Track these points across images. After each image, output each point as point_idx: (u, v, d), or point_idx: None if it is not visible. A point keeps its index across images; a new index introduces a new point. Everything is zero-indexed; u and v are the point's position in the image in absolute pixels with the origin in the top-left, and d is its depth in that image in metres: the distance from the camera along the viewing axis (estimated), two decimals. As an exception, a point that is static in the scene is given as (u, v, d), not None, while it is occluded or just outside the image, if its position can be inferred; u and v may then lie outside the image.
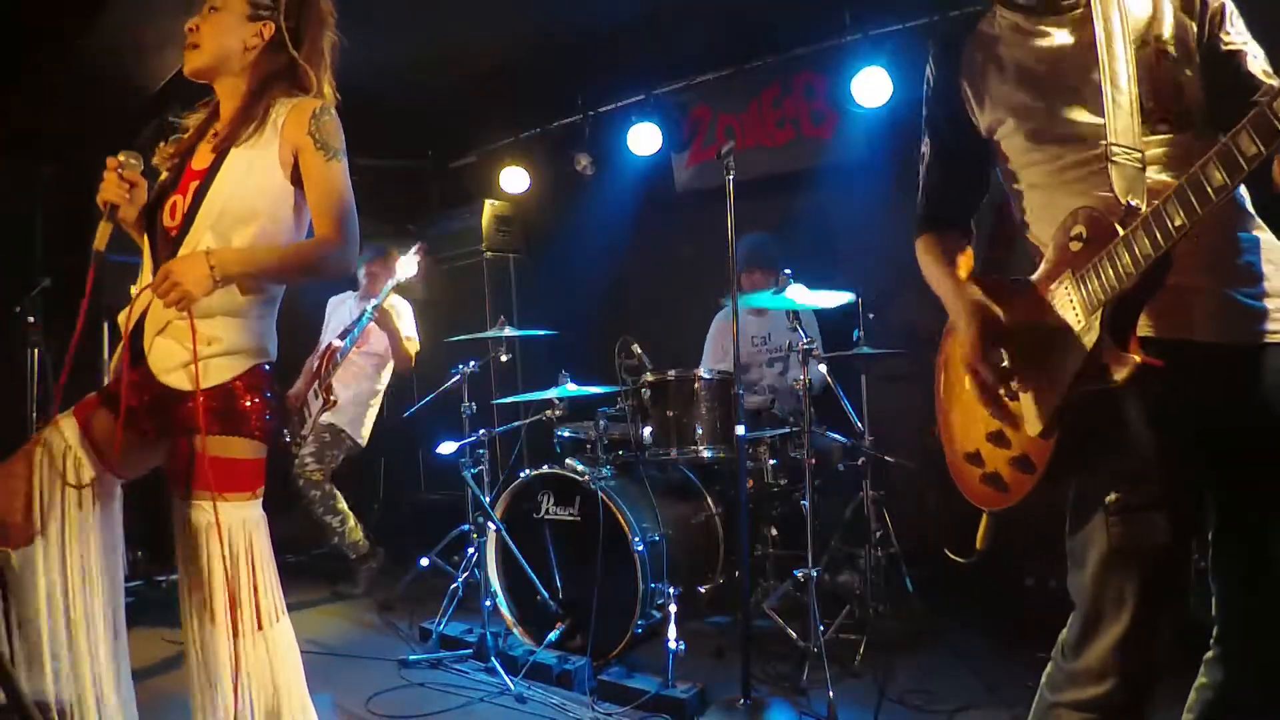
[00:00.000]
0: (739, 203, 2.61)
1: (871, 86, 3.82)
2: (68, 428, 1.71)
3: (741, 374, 2.96)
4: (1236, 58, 1.28)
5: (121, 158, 1.71)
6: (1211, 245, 1.24)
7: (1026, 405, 1.30)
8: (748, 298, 3.20)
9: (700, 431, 3.17)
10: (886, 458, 3.29)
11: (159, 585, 3.98)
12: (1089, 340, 1.20)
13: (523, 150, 5.18)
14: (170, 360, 1.64)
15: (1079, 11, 1.33)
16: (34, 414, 3.31)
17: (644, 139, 4.57)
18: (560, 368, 3.34)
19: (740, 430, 2.60)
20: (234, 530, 1.61)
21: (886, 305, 3.61)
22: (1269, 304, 1.26)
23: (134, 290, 1.76)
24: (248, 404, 1.67)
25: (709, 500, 3.33)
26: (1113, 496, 1.23)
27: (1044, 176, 1.37)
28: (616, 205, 4.88)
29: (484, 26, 4.07)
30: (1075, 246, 1.24)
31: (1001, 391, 1.33)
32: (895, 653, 2.87)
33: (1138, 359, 1.15)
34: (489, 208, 5.08)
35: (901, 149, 3.71)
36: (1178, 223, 1.09)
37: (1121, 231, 1.16)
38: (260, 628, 1.60)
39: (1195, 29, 1.30)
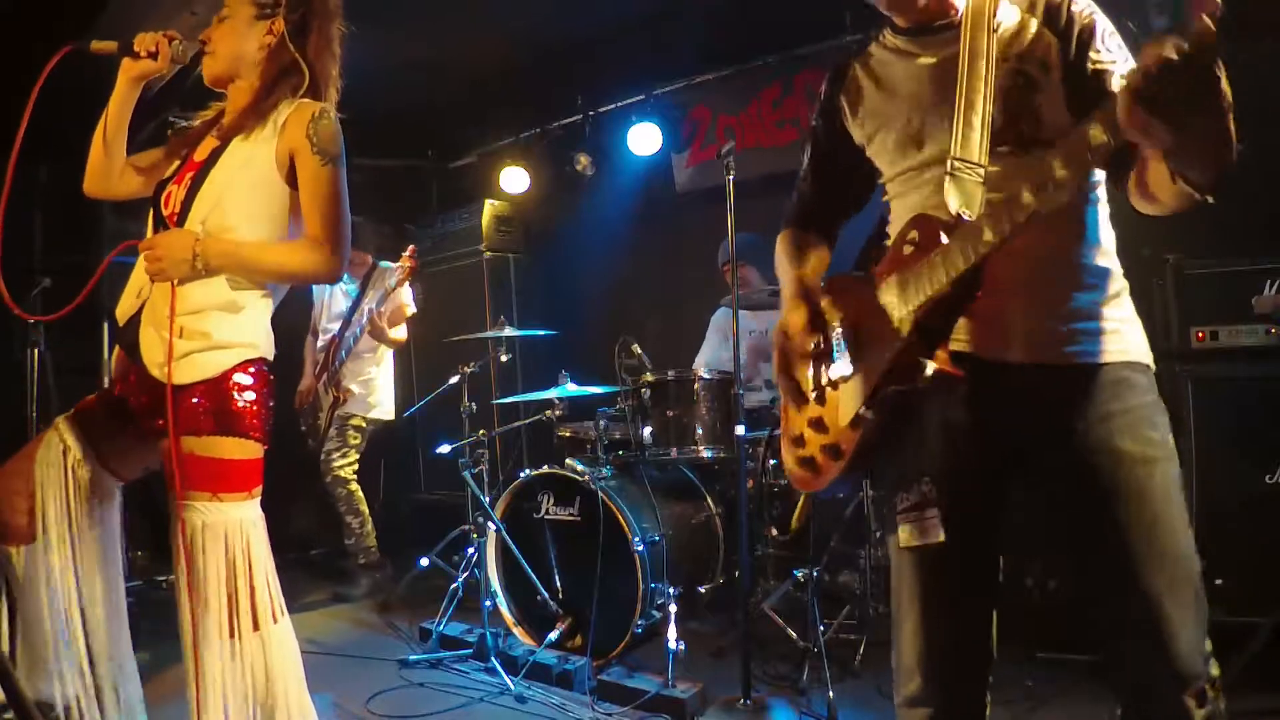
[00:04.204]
0: (739, 203, 2.61)
1: (872, 86, 3.81)
2: (67, 428, 1.72)
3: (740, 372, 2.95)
4: (1101, 77, 1.22)
5: (178, 38, 1.77)
6: (1032, 267, 1.25)
7: (844, 395, 1.35)
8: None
9: (700, 431, 3.17)
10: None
11: (159, 585, 3.98)
12: (900, 341, 1.25)
13: (523, 150, 5.17)
14: (161, 353, 1.63)
15: (953, 33, 1.33)
16: (34, 414, 3.31)
17: (644, 139, 4.56)
18: (560, 368, 3.34)
19: (740, 430, 2.60)
20: (230, 531, 1.61)
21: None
22: (1073, 326, 1.26)
23: (131, 282, 1.76)
24: (242, 404, 1.66)
25: (709, 500, 3.33)
26: (902, 496, 1.31)
27: (904, 187, 1.41)
28: (616, 205, 4.87)
29: (484, 27, 4.08)
30: (908, 250, 1.29)
31: (824, 382, 1.40)
32: (895, 653, 2.86)
33: (934, 365, 1.19)
34: (489, 208, 5.08)
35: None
36: (987, 238, 1.14)
37: (945, 240, 1.21)
38: (257, 628, 1.60)
39: (1059, 45, 1.26)
